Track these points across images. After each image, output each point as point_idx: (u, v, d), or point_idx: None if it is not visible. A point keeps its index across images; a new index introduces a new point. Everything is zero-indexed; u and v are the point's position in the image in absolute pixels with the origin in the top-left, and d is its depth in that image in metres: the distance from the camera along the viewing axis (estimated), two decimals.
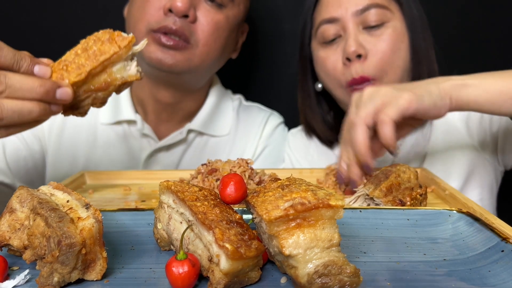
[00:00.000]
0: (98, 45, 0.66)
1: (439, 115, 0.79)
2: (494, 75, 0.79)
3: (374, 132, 0.76)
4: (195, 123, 1.16)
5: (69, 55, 0.67)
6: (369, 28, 1.00)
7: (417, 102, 0.75)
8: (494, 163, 1.08)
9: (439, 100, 0.77)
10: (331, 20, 1.02)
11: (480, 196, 1.06)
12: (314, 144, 1.22)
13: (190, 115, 1.18)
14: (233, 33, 1.11)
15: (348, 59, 0.99)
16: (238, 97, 1.29)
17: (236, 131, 1.22)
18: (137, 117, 1.13)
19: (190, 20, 1.00)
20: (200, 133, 1.18)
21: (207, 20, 1.02)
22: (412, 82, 0.83)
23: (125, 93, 1.15)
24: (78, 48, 0.67)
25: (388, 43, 0.99)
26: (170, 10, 0.98)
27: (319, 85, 1.14)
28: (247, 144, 1.21)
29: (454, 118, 1.10)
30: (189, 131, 1.16)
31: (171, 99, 1.12)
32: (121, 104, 1.15)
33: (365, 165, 0.76)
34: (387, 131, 0.73)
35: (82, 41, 0.68)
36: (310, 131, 1.21)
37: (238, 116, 1.24)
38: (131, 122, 1.14)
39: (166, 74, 1.03)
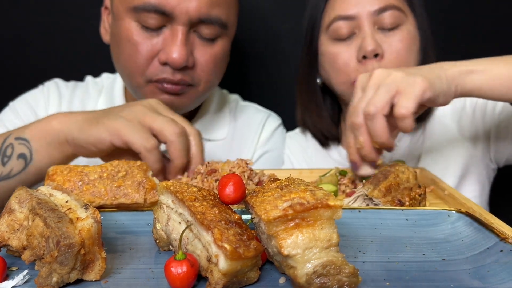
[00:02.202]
0: (126, 183, 0.61)
1: (445, 103, 0.77)
2: (500, 60, 0.76)
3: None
4: None
5: (93, 170, 0.62)
6: (383, 29, 1.00)
7: (430, 88, 0.72)
8: (486, 161, 1.09)
9: (447, 88, 0.75)
10: (347, 18, 1.01)
11: (473, 193, 1.07)
12: (312, 146, 1.22)
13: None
14: (229, 54, 1.08)
15: (364, 57, 1.00)
16: (235, 98, 1.27)
17: (233, 134, 1.19)
18: None
19: (189, 67, 0.95)
20: None
21: (205, 59, 0.97)
22: (418, 67, 0.80)
23: (120, 102, 1.12)
24: (106, 170, 0.62)
25: (403, 43, 1.00)
26: (166, 63, 0.93)
27: (318, 80, 1.14)
28: (244, 148, 1.18)
29: (446, 117, 1.10)
30: None
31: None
32: None
33: (388, 149, 0.76)
34: (408, 125, 0.71)
35: (115, 163, 0.63)
36: (307, 128, 1.21)
37: (235, 119, 1.21)
38: None
39: None
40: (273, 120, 1.25)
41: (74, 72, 1.30)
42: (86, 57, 1.39)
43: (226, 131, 1.18)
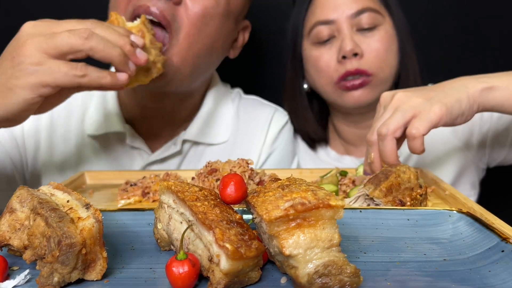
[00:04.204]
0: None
1: (463, 122, 0.79)
2: None
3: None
4: (190, 132, 1.06)
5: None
6: (362, 30, 1.04)
7: (447, 115, 0.75)
8: (477, 162, 1.12)
9: (468, 109, 0.77)
10: (327, 22, 1.05)
11: (464, 192, 1.09)
12: (302, 149, 1.24)
13: (185, 122, 1.08)
14: (227, 24, 0.97)
15: (344, 57, 1.03)
16: (237, 91, 1.19)
17: (236, 135, 1.11)
18: (126, 128, 1.03)
19: (174, 1, 0.86)
20: (196, 143, 1.08)
21: (193, 3, 0.88)
22: (440, 85, 0.81)
23: (113, 103, 1.05)
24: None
25: (382, 43, 1.04)
26: None
27: (305, 85, 1.17)
28: (249, 150, 1.10)
29: None
30: (184, 141, 1.06)
31: (162, 107, 1.03)
32: (109, 115, 1.04)
33: None
34: (417, 145, 0.74)
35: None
36: (297, 131, 1.23)
37: (237, 115, 1.13)
38: (120, 134, 1.04)
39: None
40: (281, 116, 1.16)
41: None
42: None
43: (228, 134, 1.10)
